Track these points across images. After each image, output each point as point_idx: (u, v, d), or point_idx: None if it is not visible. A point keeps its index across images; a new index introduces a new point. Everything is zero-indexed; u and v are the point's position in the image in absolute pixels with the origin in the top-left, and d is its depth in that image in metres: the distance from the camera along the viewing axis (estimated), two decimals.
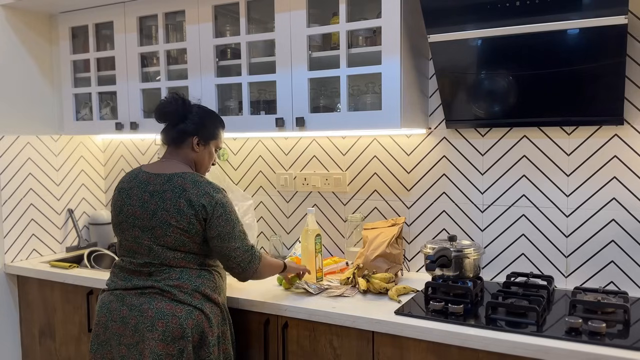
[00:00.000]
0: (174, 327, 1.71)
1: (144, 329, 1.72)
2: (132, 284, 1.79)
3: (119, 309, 1.78)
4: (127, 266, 1.82)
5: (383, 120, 2.01)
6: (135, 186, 1.82)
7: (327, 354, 1.86)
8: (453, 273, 1.95)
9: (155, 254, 1.77)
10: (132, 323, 1.74)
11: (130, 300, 1.77)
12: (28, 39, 2.75)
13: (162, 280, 1.76)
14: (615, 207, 1.98)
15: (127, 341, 1.75)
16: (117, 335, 1.77)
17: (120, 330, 1.77)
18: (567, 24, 1.71)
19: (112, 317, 1.79)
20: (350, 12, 2.07)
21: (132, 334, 1.74)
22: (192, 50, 2.39)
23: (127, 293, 1.79)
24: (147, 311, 1.73)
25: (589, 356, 1.46)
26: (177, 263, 1.77)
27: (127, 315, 1.76)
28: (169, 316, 1.72)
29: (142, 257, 1.79)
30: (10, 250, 2.69)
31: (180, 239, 1.75)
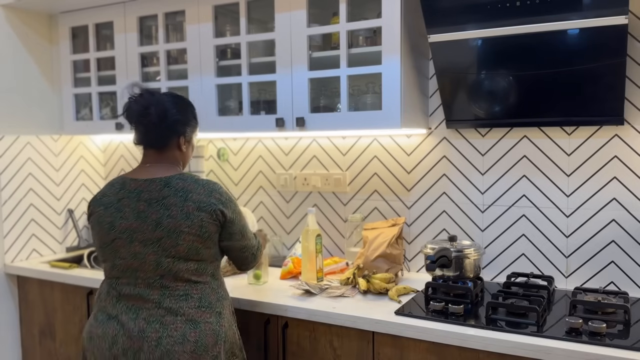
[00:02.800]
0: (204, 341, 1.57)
1: (172, 342, 1.54)
2: (142, 313, 1.57)
3: (131, 324, 1.56)
4: (124, 291, 1.60)
5: (383, 120, 2.01)
6: (125, 197, 1.61)
7: (327, 354, 1.86)
8: (453, 273, 1.95)
9: (164, 268, 1.57)
10: (154, 337, 1.55)
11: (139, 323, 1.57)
12: (28, 39, 2.75)
13: (179, 304, 1.58)
14: (615, 207, 1.98)
15: (146, 357, 1.55)
16: (131, 351, 1.55)
17: (135, 344, 1.55)
18: (568, 24, 1.71)
19: (123, 332, 1.57)
20: (350, 12, 2.07)
21: (154, 347, 1.54)
22: (192, 50, 2.39)
23: (128, 318, 1.58)
24: (169, 324, 1.56)
25: (589, 356, 1.46)
26: (192, 276, 1.60)
27: (145, 328, 1.55)
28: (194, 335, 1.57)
29: (147, 273, 1.58)
30: (10, 250, 2.69)
31: (193, 247, 1.58)
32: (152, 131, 1.66)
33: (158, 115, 1.63)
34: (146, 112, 1.62)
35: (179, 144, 1.71)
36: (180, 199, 1.58)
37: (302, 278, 2.17)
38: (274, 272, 2.33)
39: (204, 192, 1.61)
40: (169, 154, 1.70)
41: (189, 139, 1.75)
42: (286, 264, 2.28)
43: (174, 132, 1.68)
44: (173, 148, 1.70)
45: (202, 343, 1.56)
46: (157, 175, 1.64)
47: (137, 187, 1.62)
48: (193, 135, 1.76)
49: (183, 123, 1.70)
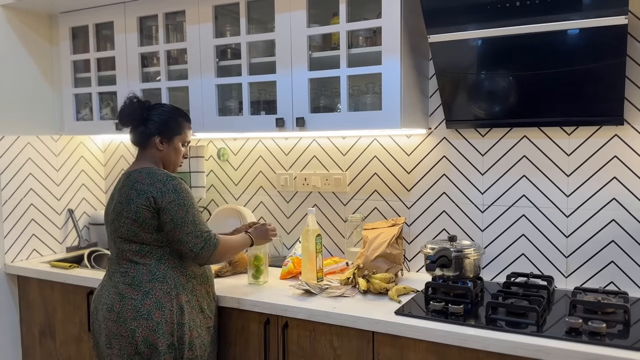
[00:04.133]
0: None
1: (106, 309, 1.85)
2: (106, 283, 1.92)
3: (99, 290, 1.95)
4: (108, 263, 1.97)
5: (383, 120, 2.01)
6: (116, 186, 1.94)
7: (327, 354, 1.86)
8: (453, 273, 1.95)
9: (117, 246, 1.88)
10: (102, 302, 1.88)
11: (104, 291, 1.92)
12: (28, 39, 2.75)
13: (118, 279, 1.86)
14: (615, 207, 1.98)
15: (97, 317, 1.90)
16: (95, 311, 1.92)
17: (97, 306, 1.91)
18: (568, 24, 1.71)
19: (96, 295, 1.94)
20: (350, 12, 2.07)
21: (98, 310, 1.90)
22: (193, 50, 2.39)
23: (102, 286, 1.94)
24: (110, 295, 1.87)
25: (589, 356, 1.46)
26: (134, 257, 1.85)
27: (100, 294, 1.91)
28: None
29: (112, 251, 1.93)
30: (11, 250, 2.69)
31: (131, 229, 1.82)
32: (132, 131, 1.97)
33: (136, 118, 1.94)
34: (127, 116, 1.94)
35: (155, 144, 1.94)
36: (129, 188, 1.85)
37: (302, 278, 2.17)
38: (274, 272, 2.33)
39: (148, 182, 1.83)
40: (149, 152, 1.96)
41: (168, 141, 1.96)
42: (286, 264, 2.28)
43: (149, 133, 1.94)
44: (151, 147, 1.95)
45: (122, 315, 1.80)
46: (131, 169, 1.92)
47: (121, 178, 1.94)
48: (174, 138, 1.97)
49: (158, 125, 1.94)
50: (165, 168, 1.98)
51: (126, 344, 1.80)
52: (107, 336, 1.83)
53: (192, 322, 1.86)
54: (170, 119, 1.96)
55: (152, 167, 1.90)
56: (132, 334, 1.79)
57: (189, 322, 1.85)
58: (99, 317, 1.88)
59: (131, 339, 1.79)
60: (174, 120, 1.97)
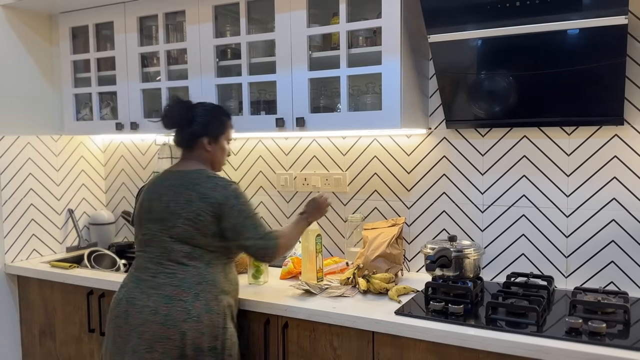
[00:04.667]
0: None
1: (149, 312, 1.76)
2: (141, 284, 1.82)
3: (131, 291, 1.83)
4: (140, 262, 1.87)
5: (383, 120, 2.01)
6: (158, 183, 1.90)
7: (327, 354, 1.86)
8: (453, 273, 1.95)
9: (165, 246, 1.82)
10: (140, 305, 1.78)
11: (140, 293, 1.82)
12: (28, 39, 2.75)
13: (164, 280, 1.80)
14: (615, 207, 1.98)
15: (132, 321, 1.78)
16: (125, 314, 1.80)
17: (128, 309, 1.80)
18: (568, 24, 1.71)
19: (125, 296, 1.83)
20: (350, 12, 2.07)
21: (137, 314, 1.78)
22: (193, 50, 2.39)
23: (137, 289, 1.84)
24: (151, 296, 1.79)
25: (589, 356, 1.46)
26: (183, 258, 1.80)
27: (136, 296, 1.81)
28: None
29: (154, 250, 1.84)
30: (11, 250, 2.69)
31: (189, 231, 1.79)
32: (179, 133, 1.94)
33: (183, 120, 1.90)
34: (173, 117, 1.91)
35: (204, 144, 1.92)
36: (188, 189, 1.82)
37: (302, 278, 2.17)
38: (274, 272, 2.33)
39: (210, 186, 1.82)
40: (196, 153, 1.94)
41: (215, 141, 1.95)
42: (286, 264, 2.28)
43: (197, 134, 1.91)
44: (199, 148, 1.93)
45: (171, 317, 1.75)
46: (184, 169, 1.90)
47: (165, 176, 1.91)
48: (221, 137, 1.96)
49: (206, 126, 1.91)
50: (212, 168, 1.96)
51: (172, 347, 1.73)
52: (148, 340, 1.74)
53: (231, 328, 1.87)
54: (214, 118, 1.94)
55: (206, 169, 1.90)
56: (181, 336, 1.74)
57: (230, 327, 1.85)
58: (131, 321, 1.78)
59: (179, 342, 1.73)
60: (218, 120, 1.95)
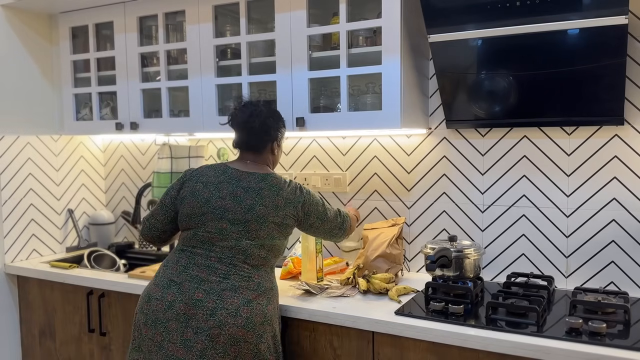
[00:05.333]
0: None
1: (226, 314, 1.69)
2: (204, 285, 1.73)
3: (192, 292, 1.72)
4: (197, 260, 1.77)
5: (383, 120, 2.01)
6: (225, 181, 1.84)
7: (327, 354, 1.86)
8: (453, 273, 1.95)
9: (240, 249, 1.76)
10: (210, 307, 1.69)
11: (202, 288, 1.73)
12: (28, 39, 2.75)
13: (240, 283, 1.74)
14: (615, 207, 1.98)
15: (197, 324, 1.68)
16: (185, 317, 1.69)
17: (190, 311, 1.69)
18: (568, 24, 1.71)
19: (181, 298, 1.71)
20: (350, 12, 2.07)
21: (207, 316, 1.69)
22: (192, 50, 2.39)
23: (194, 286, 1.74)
24: (227, 298, 1.71)
25: (589, 356, 1.46)
26: (256, 262, 1.79)
27: (203, 298, 1.70)
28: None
29: (224, 250, 1.76)
30: (10, 250, 2.69)
31: (272, 234, 1.81)
32: (253, 136, 1.91)
33: (260, 123, 1.89)
34: (250, 119, 1.89)
35: (272, 148, 1.95)
36: (273, 193, 1.83)
37: (302, 278, 2.17)
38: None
39: (290, 190, 1.86)
40: (264, 156, 1.94)
41: (280, 144, 2.00)
42: (286, 264, 2.28)
43: (270, 138, 1.93)
44: (267, 151, 1.95)
45: (252, 320, 1.71)
46: (255, 171, 1.88)
47: (238, 175, 1.86)
48: (283, 141, 2.02)
49: (276, 130, 1.94)
50: (271, 169, 1.99)
51: (247, 351, 1.70)
52: (223, 344, 1.67)
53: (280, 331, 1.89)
54: (277, 122, 1.95)
55: (274, 172, 1.91)
56: (258, 339, 1.72)
57: (280, 331, 1.89)
58: (197, 324, 1.68)
59: (254, 346, 1.71)
60: (280, 124, 1.97)
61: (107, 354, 2.39)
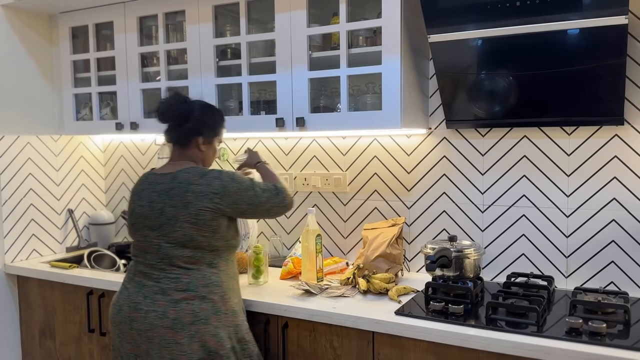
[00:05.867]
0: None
1: (155, 316, 1.74)
2: (144, 290, 1.80)
3: (134, 297, 1.80)
4: (139, 268, 1.84)
5: (383, 120, 2.01)
6: (146, 187, 1.86)
7: (327, 354, 1.86)
8: (453, 273, 1.95)
9: (164, 252, 1.78)
10: (145, 310, 1.76)
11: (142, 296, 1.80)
12: (28, 39, 2.75)
13: (168, 285, 1.77)
14: (615, 208, 1.98)
15: (137, 326, 1.76)
16: (129, 319, 1.78)
17: (132, 314, 1.78)
18: (568, 24, 1.71)
19: (127, 302, 1.80)
20: (350, 12, 2.07)
21: (142, 319, 1.76)
22: (192, 50, 2.39)
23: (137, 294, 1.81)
24: (157, 301, 1.77)
25: (589, 356, 1.46)
26: (185, 263, 1.78)
27: (141, 301, 1.77)
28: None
29: (152, 256, 1.80)
30: (10, 250, 2.69)
31: (188, 233, 1.76)
32: (174, 130, 1.89)
33: (181, 116, 1.87)
34: (170, 112, 1.87)
35: (198, 144, 1.89)
36: (182, 190, 1.78)
37: (302, 278, 2.17)
38: (274, 272, 2.33)
39: (205, 182, 1.78)
40: (189, 152, 1.90)
41: (209, 141, 1.93)
42: (286, 264, 2.28)
43: (194, 132, 1.88)
44: (192, 146, 1.90)
45: (180, 321, 1.73)
46: (171, 170, 1.85)
47: (155, 179, 1.86)
48: (215, 139, 1.95)
49: (203, 125, 1.89)
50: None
51: (179, 352, 1.72)
52: (158, 344, 1.73)
53: (244, 322, 1.87)
54: (211, 117, 1.92)
55: (196, 166, 1.85)
56: (189, 340, 1.72)
57: (242, 323, 1.86)
58: (137, 326, 1.76)
59: (187, 347, 1.72)
60: (215, 120, 1.94)
61: (107, 354, 2.39)
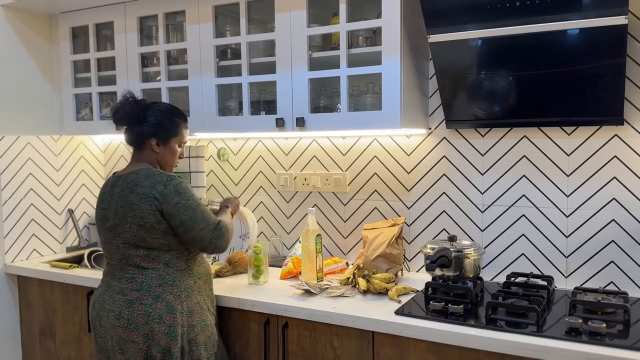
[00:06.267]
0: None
1: (113, 316, 1.80)
2: (109, 289, 1.86)
3: (102, 295, 1.88)
4: (108, 268, 1.91)
5: (383, 120, 2.01)
6: (107, 191, 1.89)
7: (327, 354, 1.86)
8: (453, 273, 1.95)
9: (121, 252, 1.83)
10: (107, 309, 1.83)
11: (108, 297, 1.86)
12: (28, 39, 2.75)
13: (125, 285, 1.82)
14: (615, 207, 1.98)
15: (104, 324, 1.84)
16: (98, 317, 1.87)
17: (100, 312, 1.86)
18: (568, 24, 1.72)
19: (98, 300, 1.88)
20: (350, 12, 2.07)
21: (105, 318, 1.83)
22: (193, 50, 2.39)
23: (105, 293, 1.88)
24: (116, 301, 1.83)
25: (589, 356, 1.46)
26: (142, 262, 1.81)
27: (106, 300, 1.85)
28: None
29: (115, 256, 1.86)
30: (11, 250, 2.69)
31: (138, 234, 1.79)
32: (127, 132, 1.93)
33: (132, 118, 1.88)
34: (121, 114, 1.89)
35: (152, 145, 1.90)
36: (128, 191, 1.80)
37: (302, 278, 2.17)
38: (274, 272, 2.33)
39: (149, 184, 1.79)
40: (144, 153, 1.92)
41: (164, 143, 1.92)
42: (286, 264, 2.28)
43: (145, 134, 1.89)
44: (147, 148, 1.91)
45: (133, 321, 1.77)
46: (126, 172, 1.87)
47: (113, 182, 1.89)
48: (171, 140, 1.94)
49: (156, 127, 1.89)
50: (161, 169, 1.93)
51: (136, 350, 1.76)
52: (117, 343, 1.79)
53: (202, 323, 1.86)
54: (166, 119, 1.91)
55: (149, 167, 1.87)
56: (144, 339, 1.76)
57: (200, 323, 1.85)
58: (104, 324, 1.84)
59: (142, 345, 1.76)
60: (171, 121, 1.93)
61: None
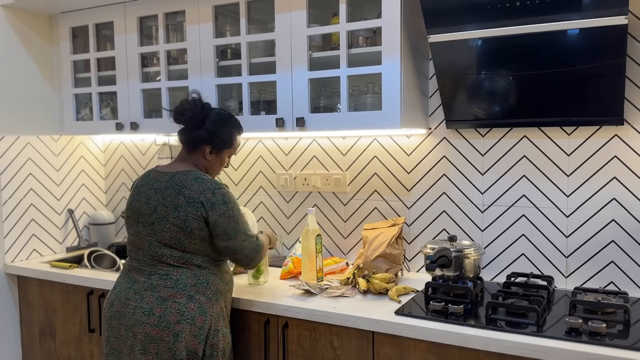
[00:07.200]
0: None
1: (142, 313, 1.76)
2: (135, 285, 1.81)
3: (125, 292, 1.82)
4: (132, 264, 1.86)
5: (383, 120, 2.01)
6: (145, 184, 1.85)
7: (327, 354, 1.86)
8: (453, 273, 1.95)
9: (154, 250, 1.79)
10: (132, 306, 1.78)
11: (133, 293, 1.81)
12: (28, 39, 2.76)
13: (158, 282, 1.78)
14: (615, 208, 1.98)
15: (125, 322, 1.78)
16: (118, 315, 1.80)
17: (121, 309, 1.80)
18: (568, 24, 1.72)
19: (119, 297, 1.82)
20: (350, 12, 2.07)
21: (130, 315, 1.78)
22: (193, 50, 2.39)
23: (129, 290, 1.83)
24: (145, 297, 1.78)
25: (589, 356, 1.46)
26: (175, 262, 1.79)
27: (131, 297, 1.79)
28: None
29: (144, 252, 1.82)
30: (11, 250, 2.69)
31: (176, 237, 1.76)
32: (186, 133, 1.89)
33: (193, 121, 1.85)
34: (184, 114, 1.85)
35: (205, 152, 1.88)
36: (175, 192, 1.77)
37: (302, 278, 2.17)
38: (274, 272, 2.33)
39: (197, 189, 1.77)
40: (195, 157, 1.89)
41: (217, 152, 1.91)
42: (286, 264, 2.28)
43: (202, 140, 1.87)
44: (199, 153, 1.89)
45: (165, 319, 1.74)
46: (172, 170, 1.84)
47: (155, 177, 1.85)
48: (224, 151, 1.92)
49: (213, 135, 1.87)
50: (206, 173, 1.90)
51: (165, 350, 1.73)
52: (142, 341, 1.74)
53: (225, 329, 1.86)
54: (224, 130, 1.89)
55: (197, 170, 1.83)
56: (174, 338, 1.73)
57: (222, 329, 1.84)
58: (126, 322, 1.77)
59: (172, 344, 1.72)
60: (229, 133, 1.91)
61: None
